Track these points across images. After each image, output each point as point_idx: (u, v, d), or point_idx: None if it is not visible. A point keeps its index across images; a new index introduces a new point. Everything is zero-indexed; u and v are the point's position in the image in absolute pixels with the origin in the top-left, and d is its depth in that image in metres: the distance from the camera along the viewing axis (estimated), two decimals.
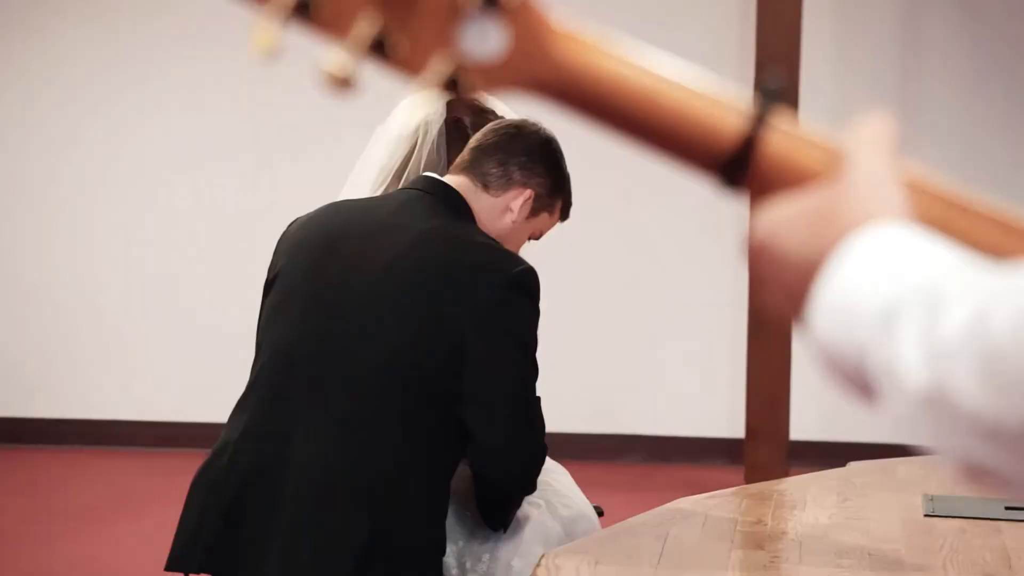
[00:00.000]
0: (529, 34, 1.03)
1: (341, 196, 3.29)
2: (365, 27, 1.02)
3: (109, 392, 7.57)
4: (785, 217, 1.04)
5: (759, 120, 1.06)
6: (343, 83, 1.02)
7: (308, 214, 3.13)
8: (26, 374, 7.60)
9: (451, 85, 1.03)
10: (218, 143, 7.45)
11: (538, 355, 3.01)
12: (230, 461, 2.94)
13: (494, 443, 2.91)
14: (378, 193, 3.28)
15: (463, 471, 3.02)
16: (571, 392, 7.19)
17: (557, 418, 3.85)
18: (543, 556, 2.74)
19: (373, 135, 3.39)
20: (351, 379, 2.90)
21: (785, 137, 1.06)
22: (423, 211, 3.01)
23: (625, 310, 7.43)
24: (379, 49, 1.03)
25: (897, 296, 0.95)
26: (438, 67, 1.03)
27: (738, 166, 1.06)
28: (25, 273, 7.57)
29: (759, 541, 2.88)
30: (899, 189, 1.03)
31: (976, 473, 0.94)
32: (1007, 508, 3.06)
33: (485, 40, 1.03)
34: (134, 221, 7.52)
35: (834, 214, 1.02)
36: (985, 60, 7.23)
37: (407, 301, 2.91)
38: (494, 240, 3.02)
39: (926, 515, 3.04)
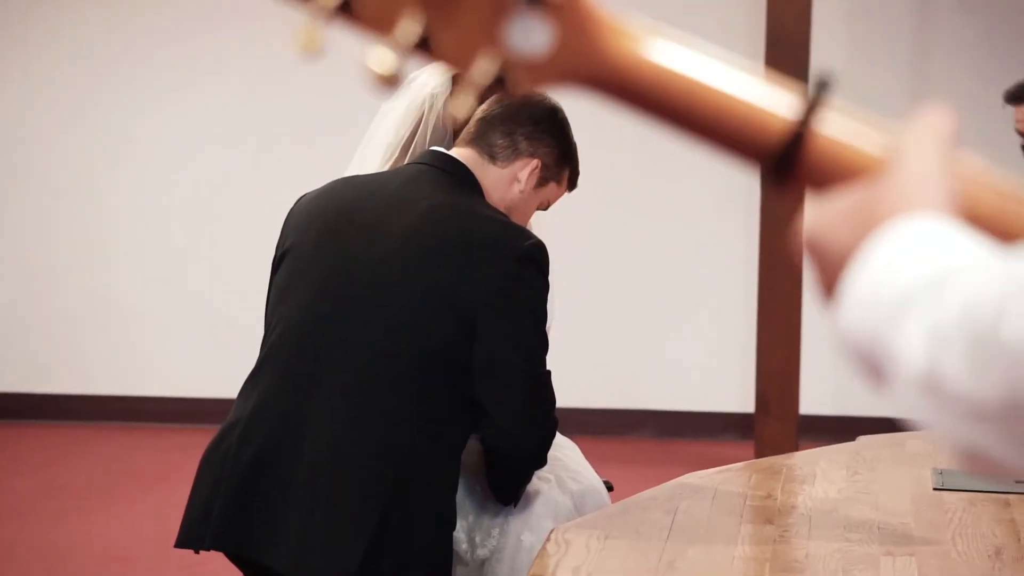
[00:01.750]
0: (576, 29, 1.01)
1: (348, 172, 3.29)
2: (409, 25, 1.00)
3: (117, 368, 7.58)
4: (832, 211, 1.04)
5: (807, 114, 1.04)
6: (388, 81, 1.00)
7: (316, 190, 3.13)
8: (33, 351, 7.61)
9: (498, 83, 1.01)
10: (230, 122, 7.45)
11: (549, 330, 3.01)
12: (241, 439, 2.94)
13: (504, 417, 2.91)
14: (385, 168, 3.28)
15: (473, 445, 3.03)
16: (582, 367, 7.20)
17: (567, 393, 3.85)
18: (553, 531, 2.74)
19: (379, 111, 3.39)
20: (362, 356, 2.90)
21: (837, 131, 1.05)
22: (431, 186, 3.00)
23: (637, 285, 7.43)
24: (424, 46, 1.01)
25: (914, 284, 0.96)
26: (485, 64, 1.00)
27: (787, 161, 1.04)
28: (32, 251, 7.57)
29: (769, 515, 2.88)
30: (946, 181, 1.03)
31: (971, 457, 0.96)
32: (1017, 482, 3.06)
33: (531, 36, 1.01)
34: (143, 198, 7.53)
35: (877, 206, 1.02)
36: (998, 40, 7.21)
37: (417, 278, 2.91)
38: (502, 214, 3.01)
39: (935, 489, 3.04)
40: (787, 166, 1.05)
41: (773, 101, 1.05)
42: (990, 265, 0.95)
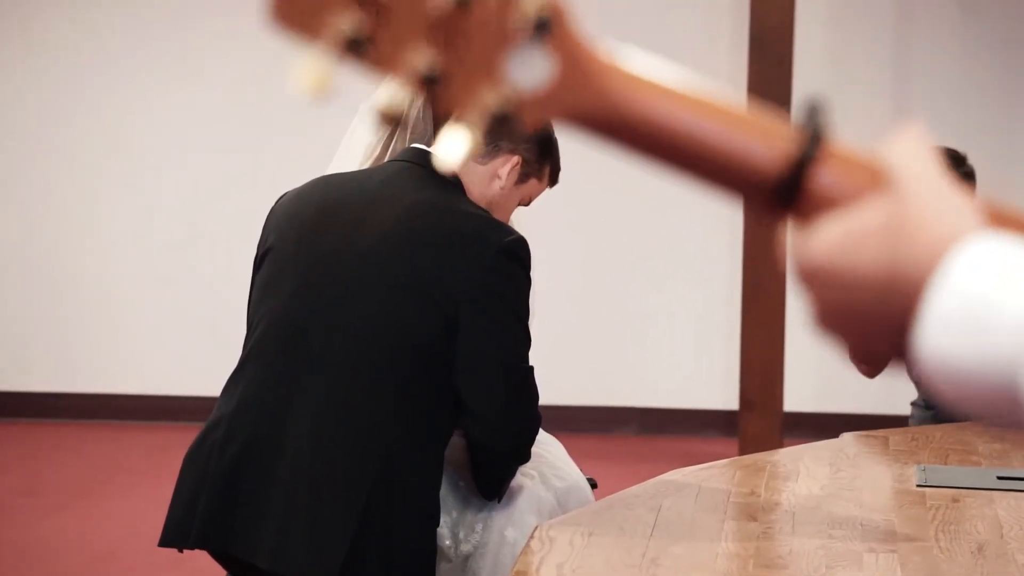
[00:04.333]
0: (576, 64, 0.99)
1: (329, 170, 3.28)
2: (419, 62, 0.97)
3: (102, 366, 7.57)
4: (843, 237, 0.98)
5: (808, 145, 1.01)
6: (391, 119, 0.99)
7: (297, 188, 3.13)
8: (18, 348, 7.60)
9: (500, 122, 0.98)
10: (217, 120, 7.44)
11: (532, 326, 3.00)
12: (224, 436, 2.94)
13: (487, 412, 2.92)
14: (366, 166, 3.28)
15: (457, 440, 3.03)
16: (565, 364, 7.20)
17: (551, 390, 3.85)
18: (537, 527, 2.74)
19: (359, 110, 3.38)
20: (344, 352, 2.90)
21: (833, 158, 1.01)
22: (412, 182, 3.00)
23: (620, 282, 7.43)
24: (430, 83, 0.98)
25: None
26: (486, 101, 0.98)
27: (788, 192, 1.01)
28: (17, 249, 7.55)
29: (752, 512, 2.88)
30: (966, 199, 0.98)
31: None
32: (999, 478, 3.06)
33: (532, 70, 0.98)
34: (127, 197, 7.51)
35: (910, 227, 0.96)
36: (980, 31, 7.21)
37: (398, 273, 2.91)
38: (484, 210, 3.01)
39: (918, 486, 3.04)
40: (789, 197, 1.01)
41: (772, 134, 1.01)
42: None
